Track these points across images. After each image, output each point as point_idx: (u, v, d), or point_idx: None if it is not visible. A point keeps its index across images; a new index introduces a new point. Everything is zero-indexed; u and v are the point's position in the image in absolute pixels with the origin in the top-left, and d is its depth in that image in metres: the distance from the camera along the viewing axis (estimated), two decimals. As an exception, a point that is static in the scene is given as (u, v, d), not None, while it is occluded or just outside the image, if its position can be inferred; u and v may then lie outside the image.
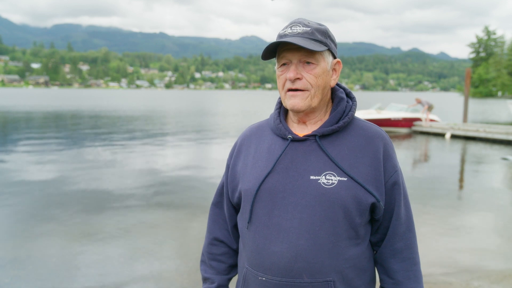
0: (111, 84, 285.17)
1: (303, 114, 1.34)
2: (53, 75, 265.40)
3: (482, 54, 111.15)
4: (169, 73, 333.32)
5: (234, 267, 1.52)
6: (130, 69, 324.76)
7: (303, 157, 1.29)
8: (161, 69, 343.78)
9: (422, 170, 10.61)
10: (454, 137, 17.01)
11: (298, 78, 1.27)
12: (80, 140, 14.97)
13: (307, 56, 1.26)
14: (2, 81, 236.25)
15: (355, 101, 1.38)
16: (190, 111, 34.61)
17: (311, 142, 1.30)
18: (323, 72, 1.29)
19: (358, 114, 17.68)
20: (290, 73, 1.27)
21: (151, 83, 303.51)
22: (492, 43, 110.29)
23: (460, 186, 8.76)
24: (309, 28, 1.27)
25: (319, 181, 1.25)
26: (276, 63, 1.33)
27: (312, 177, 1.26)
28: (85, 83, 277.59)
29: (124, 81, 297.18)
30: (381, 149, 1.31)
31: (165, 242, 5.12)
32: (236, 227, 1.49)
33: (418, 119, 19.32)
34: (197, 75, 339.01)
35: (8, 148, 12.90)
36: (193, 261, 4.47)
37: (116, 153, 11.95)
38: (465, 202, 7.49)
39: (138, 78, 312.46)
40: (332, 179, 1.25)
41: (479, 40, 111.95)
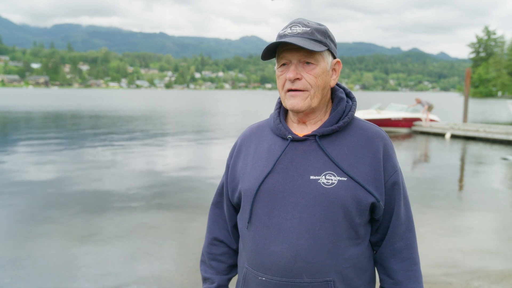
0: (111, 84, 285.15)
1: (303, 114, 1.34)
2: (53, 75, 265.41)
3: (482, 54, 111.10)
4: (169, 73, 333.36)
5: (234, 267, 1.52)
6: (130, 69, 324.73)
7: (303, 157, 1.29)
8: (161, 69, 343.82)
9: (422, 170, 10.61)
10: (454, 137, 17.01)
11: (298, 78, 1.27)
12: (80, 140, 14.97)
13: (307, 56, 1.26)
14: (2, 81, 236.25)
15: (355, 101, 1.39)
16: (190, 111, 34.61)
17: (311, 142, 1.30)
18: (323, 72, 1.29)
19: (358, 114, 17.68)
20: (290, 73, 1.27)
21: (151, 83, 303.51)
22: (492, 43, 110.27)
23: (460, 186, 8.76)
24: (309, 28, 1.27)
25: (319, 181, 1.25)
26: (276, 63, 1.33)
27: (312, 177, 1.26)
28: (85, 83, 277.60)
29: (124, 81, 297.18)
30: (381, 149, 1.31)
31: (165, 242, 5.12)
32: (236, 227, 1.49)
33: (418, 119, 19.33)
34: (197, 75, 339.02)
35: (8, 148, 12.90)
36: (193, 261, 4.47)
37: (116, 154, 11.95)
38: (465, 202, 7.49)
39: (138, 78, 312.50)
40: (332, 179, 1.25)
41: (479, 40, 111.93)
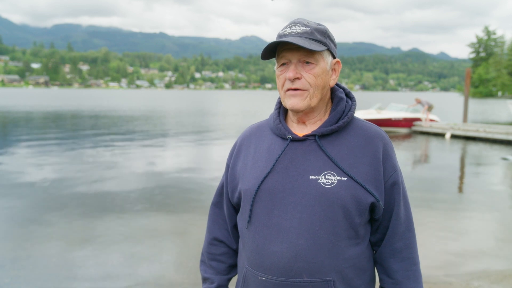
0: (111, 84, 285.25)
1: (303, 114, 1.34)
2: (53, 75, 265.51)
3: (482, 54, 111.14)
4: (169, 73, 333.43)
5: (234, 267, 1.52)
6: (130, 69, 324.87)
7: (303, 157, 1.29)
8: (161, 69, 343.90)
9: (422, 170, 10.61)
10: (454, 137, 17.00)
11: (298, 78, 1.27)
12: (80, 141, 14.97)
13: (307, 56, 1.26)
14: (2, 81, 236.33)
15: (355, 101, 1.39)
16: (190, 111, 34.61)
17: (311, 142, 1.30)
18: (323, 72, 1.29)
19: (358, 114, 17.68)
20: (290, 73, 1.27)
21: (151, 83, 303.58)
22: (492, 43, 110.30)
23: (460, 186, 8.76)
24: (309, 28, 1.27)
25: (319, 181, 1.25)
26: (276, 63, 1.34)
27: (312, 177, 1.26)
28: (85, 83, 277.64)
29: (124, 81, 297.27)
30: (381, 149, 1.31)
31: (165, 243, 5.12)
32: (236, 227, 1.49)
33: (418, 119, 19.34)
34: (197, 75, 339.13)
35: (8, 149, 12.90)
36: (193, 262, 4.47)
37: (116, 154, 11.95)
38: (465, 202, 7.49)
39: (138, 78, 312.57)
40: (332, 179, 1.25)
41: (479, 40, 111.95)
